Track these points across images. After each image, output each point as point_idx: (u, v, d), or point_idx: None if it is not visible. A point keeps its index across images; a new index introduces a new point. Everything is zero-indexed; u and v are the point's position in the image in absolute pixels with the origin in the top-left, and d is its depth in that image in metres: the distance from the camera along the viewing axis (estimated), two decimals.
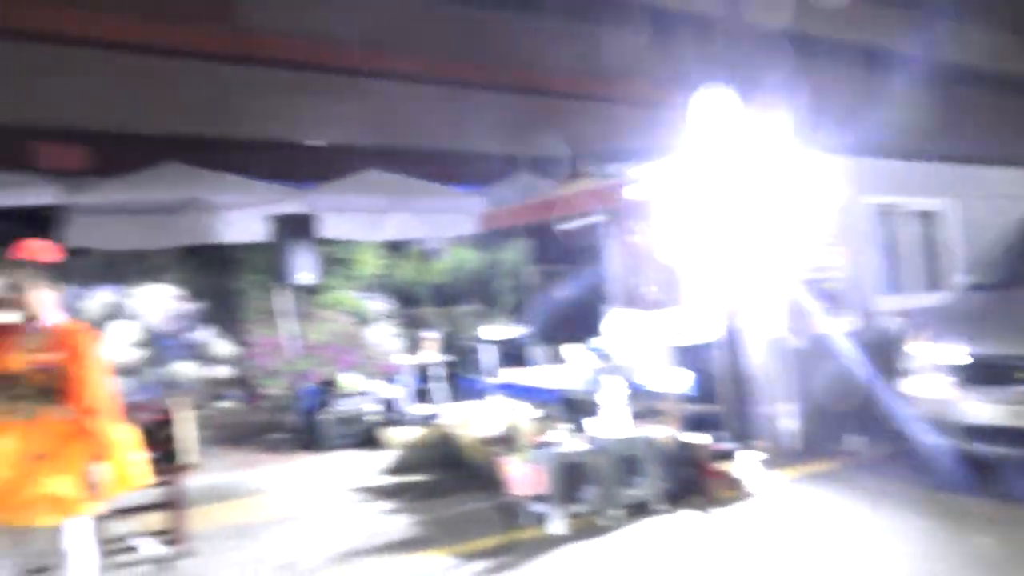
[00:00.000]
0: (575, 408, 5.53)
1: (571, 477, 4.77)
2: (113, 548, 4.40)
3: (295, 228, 7.16)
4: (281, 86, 11.34)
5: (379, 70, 11.11)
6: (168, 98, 11.62)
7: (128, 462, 3.39)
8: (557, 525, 4.61)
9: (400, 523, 5.08)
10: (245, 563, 4.46)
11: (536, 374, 6.84)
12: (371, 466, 6.48)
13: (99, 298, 8.58)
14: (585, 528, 4.63)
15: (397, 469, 6.44)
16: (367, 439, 6.87)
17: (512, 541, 4.54)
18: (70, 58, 11.06)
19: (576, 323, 6.94)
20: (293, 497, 5.91)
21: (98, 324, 8.53)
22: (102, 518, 4.33)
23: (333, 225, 8.22)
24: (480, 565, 4.22)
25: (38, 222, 8.11)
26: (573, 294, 7.68)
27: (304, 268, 7.04)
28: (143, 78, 11.34)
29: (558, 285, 8.15)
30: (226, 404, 9.17)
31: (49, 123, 10.99)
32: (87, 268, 8.48)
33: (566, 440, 5.01)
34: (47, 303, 3.25)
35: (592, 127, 11.98)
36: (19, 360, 3.14)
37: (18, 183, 7.88)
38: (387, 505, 5.51)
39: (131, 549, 4.44)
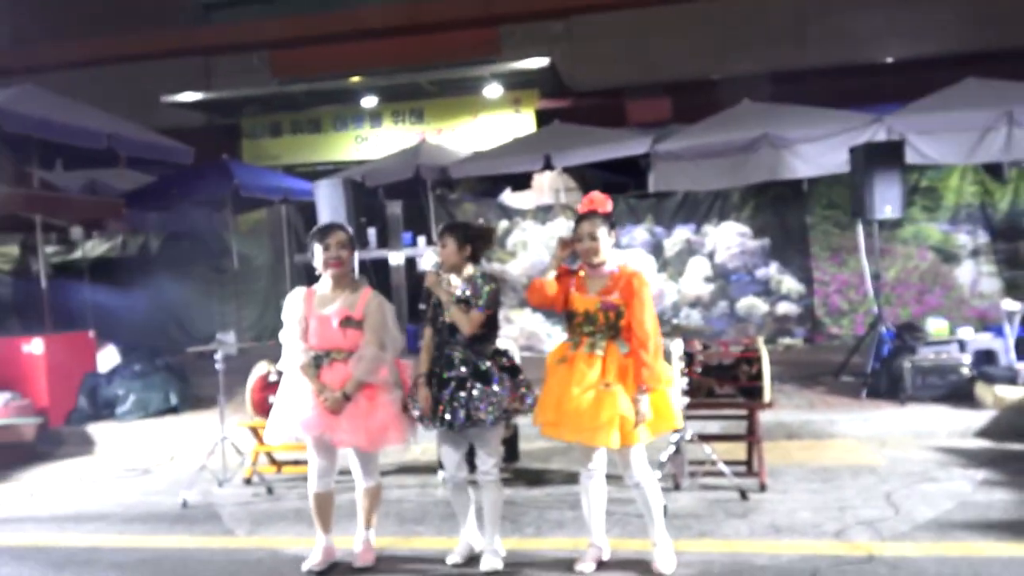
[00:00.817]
0: None
1: None
2: (699, 470, 4.78)
3: (879, 157, 6.52)
4: (856, 2, 10.55)
5: None
6: (739, 39, 11.92)
7: (672, 398, 3.63)
8: None
9: (995, 498, 4.34)
10: (824, 508, 4.34)
11: None
12: (961, 425, 5.70)
13: (677, 236, 9.33)
14: None
15: (994, 433, 5.54)
16: (956, 394, 6.05)
17: None
18: (653, 20, 12.14)
19: None
20: (870, 446, 5.57)
21: (676, 260, 9.32)
22: (688, 442, 4.75)
23: (920, 150, 7.30)
24: None
25: (632, 170, 9.23)
26: None
27: (887, 201, 6.41)
28: (712, 25, 11.83)
29: None
30: (791, 341, 9.15)
31: (637, 81, 12.36)
32: (668, 208, 9.30)
33: None
34: (609, 249, 3.61)
35: None
36: (591, 301, 3.56)
37: (616, 137, 9.04)
38: (979, 474, 4.77)
39: (718, 474, 4.72)
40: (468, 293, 3.65)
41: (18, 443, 6.61)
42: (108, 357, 8.12)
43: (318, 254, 3.78)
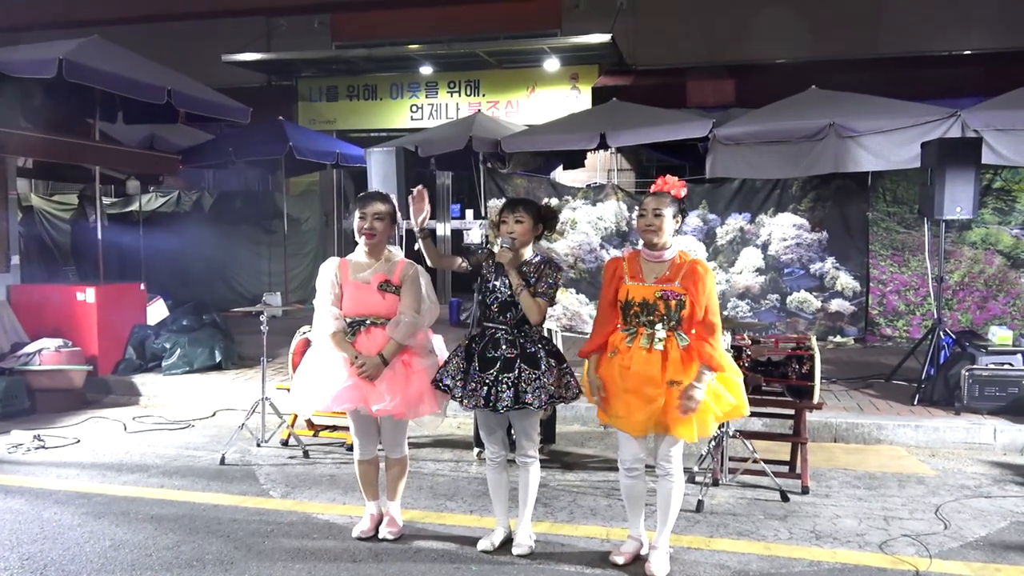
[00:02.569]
0: None
1: None
2: (739, 468, 4.65)
3: (953, 154, 6.17)
4: None
5: None
6: (810, 22, 11.49)
7: (736, 392, 3.44)
8: None
9: None
10: (868, 517, 4.19)
11: None
12: (1019, 440, 5.46)
13: (731, 224, 9.09)
14: None
15: None
16: (1015, 407, 5.78)
17: None
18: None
19: None
20: (919, 455, 5.37)
21: (728, 249, 9.10)
22: (731, 438, 4.62)
23: (996, 149, 6.93)
24: None
25: (690, 154, 8.99)
26: None
27: (958, 201, 6.09)
28: (783, 6, 11.42)
29: None
30: (842, 340, 8.88)
31: (700, 61, 12.02)
32: (724, 195, 9.05)
33: None
34: (672, 235, 3.42)
35: None
36: (650, 289, 3.38)
37: (675, 119, 8.79)
38: None
39: (759, 473, 4.59)
40: (533, 278, 3.54)
41: (68, 389, 6.80)
42: (157, 310, 8.28)
43: (355, 221, 3.74)
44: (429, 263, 3.76)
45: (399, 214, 3.89)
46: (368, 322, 3.69)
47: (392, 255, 3.82)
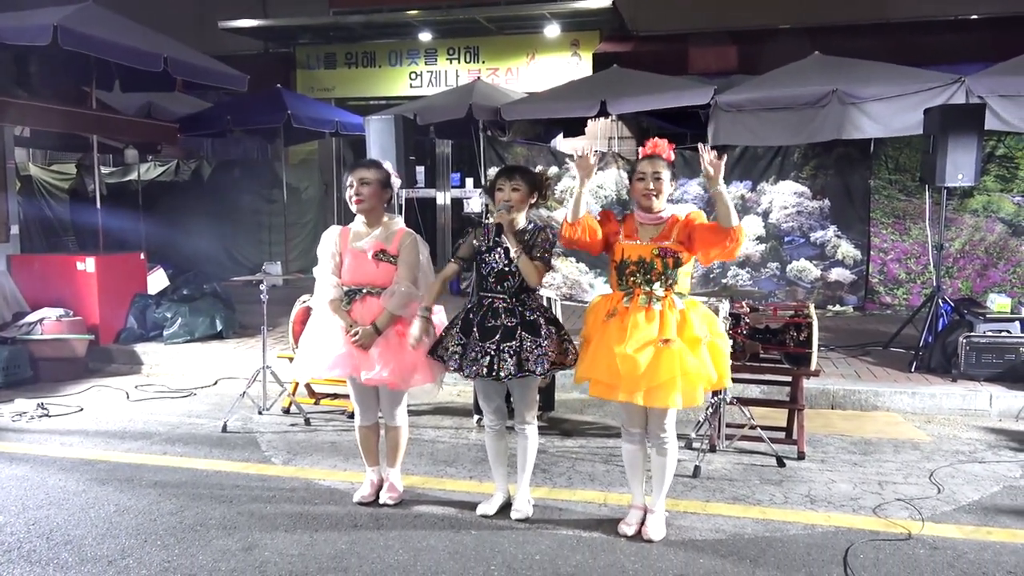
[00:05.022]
0: None
1: None
2: (736, 434, 4.69)
3: (956, 120, 6.11)
4: None
5: None
6: None
7: (720, 364, 3.39)
8: None
9: None
10: (863, 482, 4.23)
11: None
12: (1015, 407, 5.50)
13: (732, 192, 9.04)
14: None
15: None
16: (1012, 374, 5.81)
17: None
18: None
19: None
20: (915, 422, 5.42)
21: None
22: (729, 404, 4.66)
23: (1000, 115, 6.88)
24: None
25: (692, 121, 8.92)
26: None
27: (960, 168, 6.05)
28: None
29: None
30: (841, 308, 8.90)
31: (702, 27, 11.87)
32: (726, 163, 8.98)
33: None
34: (666, 194, 3.42)
35: None
36: (646, 248, 3.37)
37: (677, 85, 8.71)
38: None
39: (756, 439, 4.63)
40: (530, 244, 3.53)
41: (71, 358, 6.84)
42: (157, 279, 8.29)
43: (346, 190, 3.76)
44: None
45: (395, 179, 3.84)
46: (364, 291, 3.70)
47: (392, 223, 3.81)
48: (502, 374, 3.45)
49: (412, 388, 3.76)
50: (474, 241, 3.64)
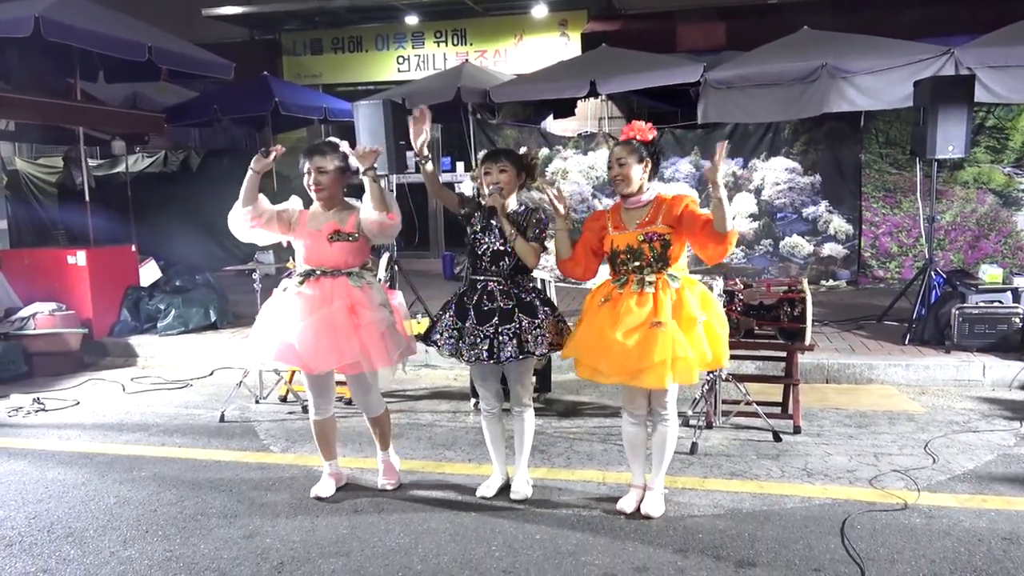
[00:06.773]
0: None
1: None
2: (732, 410, 4.72)
3: (946, 92, 6.11)
4: None
5: None
6: None
7: (717, 345, 3.36)
8: None
9: None
10: (859, 454, 4.27)
11: None
12: (1008, 376, 5.54)
13: (723, 170, 9.04)
14: None
15: None
16: (1005, 344, 5.86)
17: None
18: None
19: None
20: (909, 393, 5.46)
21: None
22: (724, 381, 4.68)
23: (989, 87, 6.88)
24: None
25: (682, 99, 8.89)
26: None
27: (950, 140, 6.06)
28: None
29: None
30: (835, 283, 8.93)
31: (690, 4, 11.80)
32: (716, 141, 8.98)
33: None
34: (647, 178, 3.41)
35: None
36: (632, 235, 3.37)
37: (666, 64, 8.67)
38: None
39: (752, 414, 4.66)
40: (523, 226, 3.53)
41: (65, 352, 6.82)
42: (149, 271, 8.25)
43: (304, 177, 3.65)
44: (429, 190, 3.72)
45: (352, 162, 3.65)
46: (318, 272, 3.62)
47: (350, 204, 3.71)
48: (503, 357, 3.44)
49: (367, 371, 3.64)
50: (474, 212, 3.62)
